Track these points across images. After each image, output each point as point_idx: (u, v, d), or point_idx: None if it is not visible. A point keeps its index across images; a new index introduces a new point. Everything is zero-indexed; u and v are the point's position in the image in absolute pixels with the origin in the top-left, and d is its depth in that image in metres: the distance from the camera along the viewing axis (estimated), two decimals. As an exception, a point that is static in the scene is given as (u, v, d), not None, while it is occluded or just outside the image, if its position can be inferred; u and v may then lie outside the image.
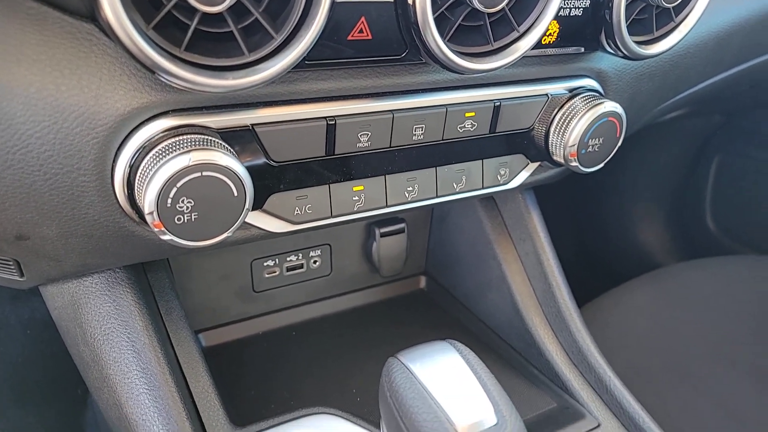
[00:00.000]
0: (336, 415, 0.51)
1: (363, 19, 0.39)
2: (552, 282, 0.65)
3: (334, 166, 0.46)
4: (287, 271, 0.69)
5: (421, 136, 0.48)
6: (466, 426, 0.33)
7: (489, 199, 0.69)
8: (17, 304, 0.98)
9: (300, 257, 0.69)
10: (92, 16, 0.35)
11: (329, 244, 0.70)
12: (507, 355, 0.67)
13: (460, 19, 0.41)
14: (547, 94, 0.52)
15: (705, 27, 0.59)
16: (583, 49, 0.52)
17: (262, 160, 0.42)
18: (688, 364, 0.91)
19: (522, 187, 0.59)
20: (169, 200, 0.37)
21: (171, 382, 0.47)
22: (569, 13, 0.47)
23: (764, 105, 1.36)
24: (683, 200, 1.57)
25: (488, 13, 0.41)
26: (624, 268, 1.47)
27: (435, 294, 0.77)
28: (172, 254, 0.49)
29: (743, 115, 1.41)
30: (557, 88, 0.53)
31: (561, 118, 0.53)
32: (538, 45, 0.46)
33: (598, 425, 0.57)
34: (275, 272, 0.68)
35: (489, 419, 0.34)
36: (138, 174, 0.37)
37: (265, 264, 0.67)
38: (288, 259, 0.68)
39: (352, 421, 0.51)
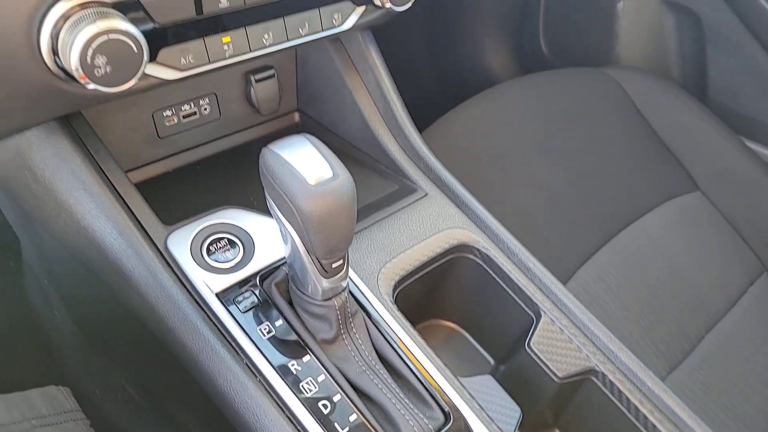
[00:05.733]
0: (238, 208, 0.72)
1: None
2: (390, 101, 0.87)
3: (204, 23, 0.62)
4: (183, 118, 0.85)
5: (268, -6, 0.64)
6: (313, 179, 0.54)
7: (337, 41, 0.87)
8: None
9: (192, 106, 0.85)
10: None
11: (215, 93, 0.86)
12: (363, 158, 0.89)
13: None
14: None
15: None
16: None
17: (150, 24, 0.57)
18: (510, 155, 1.19)
19: (357, 29, 0.78)
20: (89, 58, 0.52)
21: (112, 198, 0.65)
22: None
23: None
24: (522, 25, 1.80)
25: None
26: (474, 85, 1.71)
27: (307, 125, 0.97)
28: (93, 103, 0.64)
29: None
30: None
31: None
32: None
33: (426, 194, 0.83)
34: (174, 120, 0.84)
35: (328, 174, 0.55)
36: (60, 42, 0.52)
37: (164, 114, 0.83)
38: (183, 108, 0.84)
39: (248, 210, 0.72)
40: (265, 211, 0.72)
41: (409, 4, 0.75)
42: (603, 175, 1.23)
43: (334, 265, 0.60)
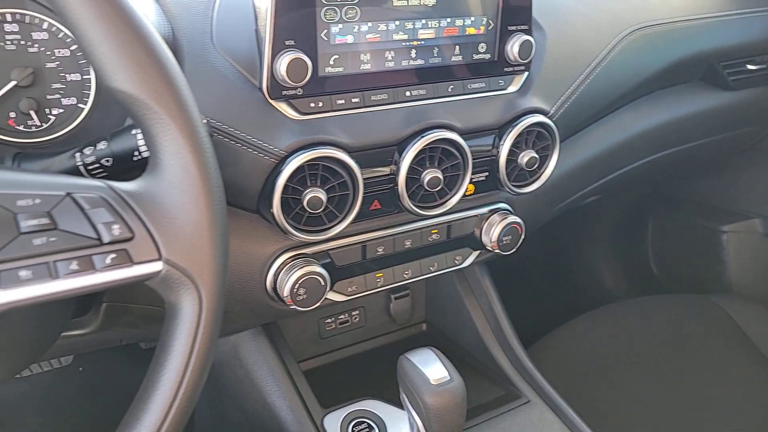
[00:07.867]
0: (379, 400, 0.93)
1: (376, 200, 0.84)
2: (500, 321, 1.08)
3: (366, 265, 0.90)
4: (339, 324, 1.12)
5: (410, 245, 0.92)
6: (434, 379, 0.75)
7: (459, 270, 1.13)
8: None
9: (347, 316, 1.13)
10: (257, 212, 0.80)
11: (363, 307, 1.14)
12: (477, 365, 1.09)
13: (422, 192, 0.86)
14: (477, 215, 0.97)
15: (566, 166, 1.04)
16: (497, 191, 0.97)
17: (333, 265, 0.87)
18: (613, 373, 1.30)
19: (474, 265, 1.03)
20: (295, 290, 0.81)
21: (289, 384, 0.90)
22: (478, 179, 0.92)
23: (678, 177, 1.80)
24: (631, 249, 1.98)
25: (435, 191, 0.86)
26: (588, 299, 1.87)
27: (433, 334, 1.20)
28: (289, 316, 0.93)
29: (665, 185, 1.85)
30: (483, 210, 0.97)
31: (486, 226, 0.97)
32: (465, 196, 0.91)
33: (528, 401, 0.99)
34: (332, 326, 1.12)
35: (445, 376, 0.76)
36: (278, 280, 0.82)
37: (326, 321, 1.11)
38: (340, 317, 1.12)
39: (388, 402, 0.93)
40: (396, 404, 0.93)
41: (514, 250, 0.99)
42: (712, 401, 1.27)
43: (447, 451, 0.77)
